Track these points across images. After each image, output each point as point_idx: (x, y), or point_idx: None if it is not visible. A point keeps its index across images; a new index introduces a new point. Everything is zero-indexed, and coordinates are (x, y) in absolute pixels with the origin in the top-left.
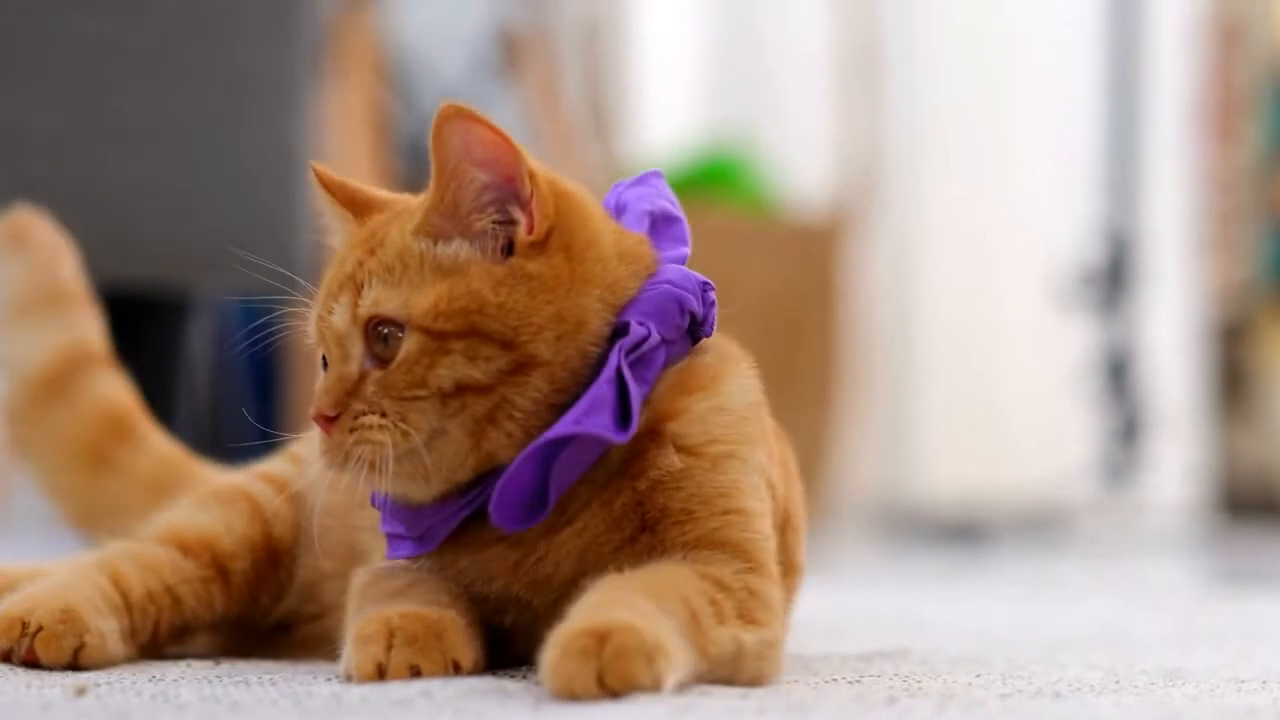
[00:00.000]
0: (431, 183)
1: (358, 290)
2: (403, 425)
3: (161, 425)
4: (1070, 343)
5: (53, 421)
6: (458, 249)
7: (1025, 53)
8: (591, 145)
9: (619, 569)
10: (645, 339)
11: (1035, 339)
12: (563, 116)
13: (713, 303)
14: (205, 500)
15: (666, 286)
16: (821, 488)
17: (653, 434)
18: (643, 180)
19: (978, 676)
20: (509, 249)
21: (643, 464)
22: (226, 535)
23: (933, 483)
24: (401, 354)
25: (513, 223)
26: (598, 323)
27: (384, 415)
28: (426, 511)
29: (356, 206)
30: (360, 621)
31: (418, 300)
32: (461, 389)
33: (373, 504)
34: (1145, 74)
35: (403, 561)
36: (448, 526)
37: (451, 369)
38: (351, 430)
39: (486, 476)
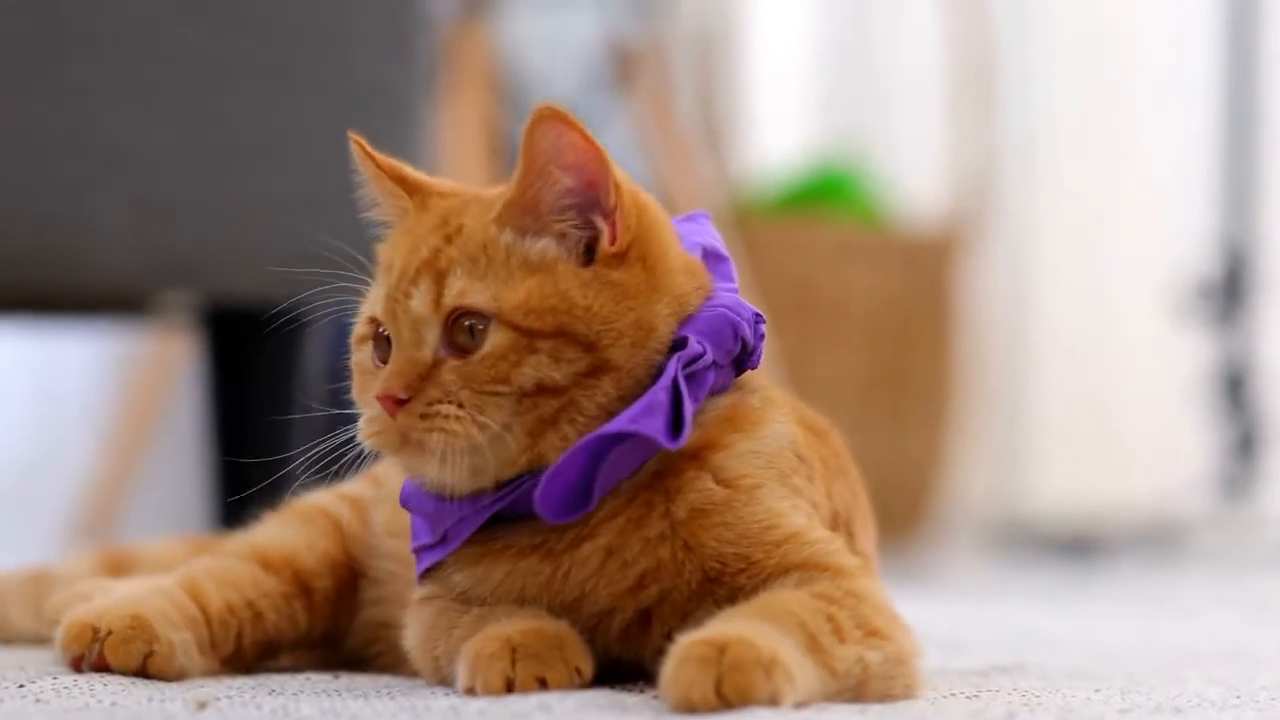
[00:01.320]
0: (515, 177)
1: (439, 278)
2: (480, 419)
3: (277, 442)
4: (1186, 355)
5: None
6: (545, 247)
7: (1140, 61)
8: (704, 159)
9: (660, 596)
10: (700, 356)
11: (1151, 351)
12: (675, 130)
13: (762, 336)
14: (287, 518)
15: (723, 310)
16: (934, 501)
17: (694, 458)
18: (692, 218)
19: (1096, 691)
20: (585, 254)
21: (678, 483)
22: (308, 553)
23: (1047, 496)
24: (487, 348)
25: (590, 228)
26: (665, 331)
27: (461, 406)
28: (447, 513)
29: (406, 185)
30: (477, 642)
31: (508, 295)
32: (540, 389)
33: (402, 502)
34: (1264, 82)
35: (456, 596)
36: (471, 526)
37: (536, 368)
38: (423, 417)
39: (520, 476)
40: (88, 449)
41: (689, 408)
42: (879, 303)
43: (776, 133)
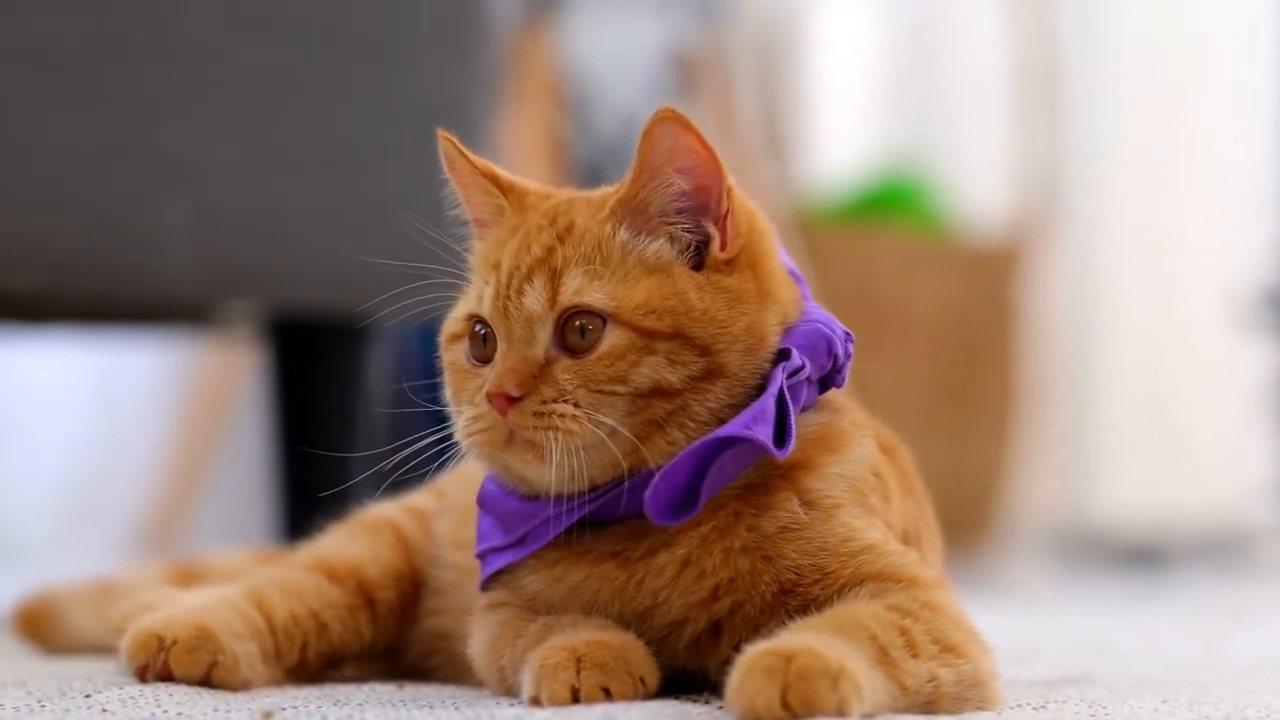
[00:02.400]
0: (628, 177)
1: (554, 276)
2: (596, 417)
3: (340, 453)
4: (1252, 364)
5: None
6: (660, 248)
7: (1206, 68)
8: (767, 167)
9: (733, 608)
10: (802, 368)
11: (1217, 359)
12: (738, 138)
13: (849, 355)
14: (353, 530)
15: (819, 325)
16: (1000, 510)
17: (786, 475)
18: None
19: (1164, 702)
20: (694, 258)
21: (770, 500)
22: (373, 564)
23: (1113, 505)
24: (605, 347)
25: (699, 233)
26: (773, 340)
27: (577, 406)
28: (531, 514)
29: (500, 184)
30: (542, 652)
31: (626, 295)
32: (655, 390)
33: (479, 501)
34: None
35: (524, 601)
36: (557, 528)
37: (653, 369)
38: (537, 415)
39: (614, 480)
40: (152, 459)
41: (794, 419)
42: (943, 312)
43: (840, 140)
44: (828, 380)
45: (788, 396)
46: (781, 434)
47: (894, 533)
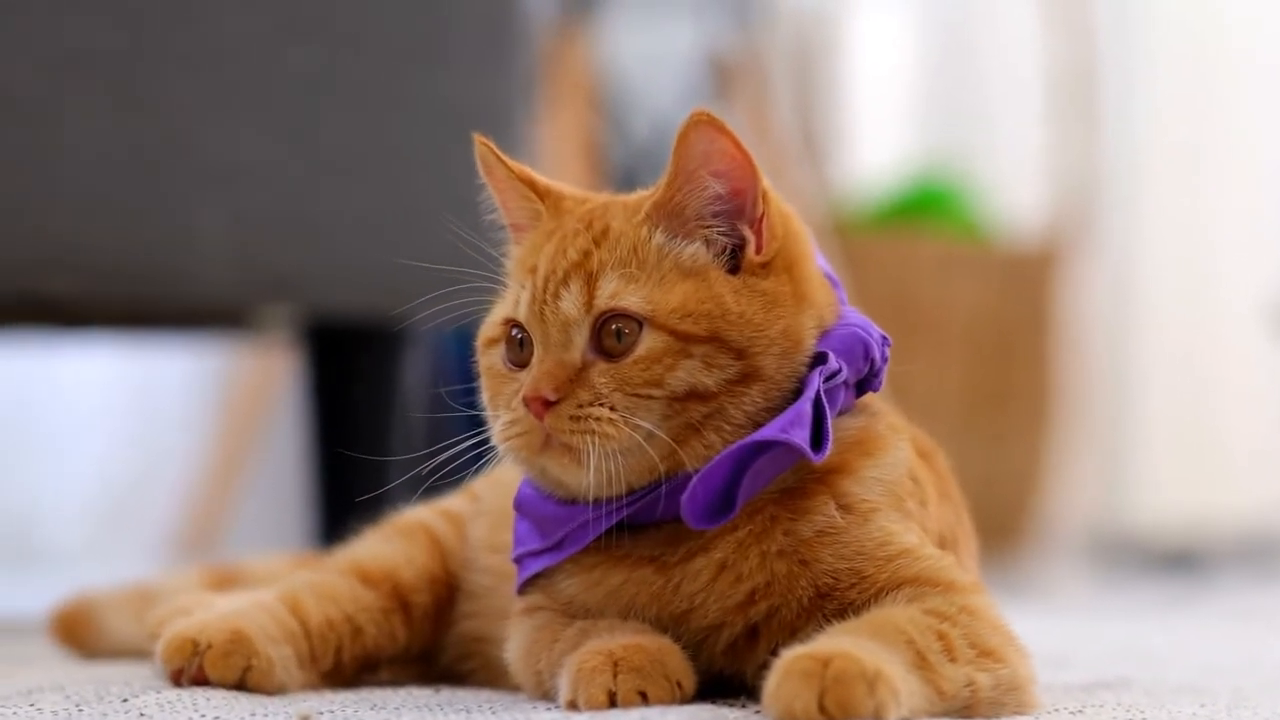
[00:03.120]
0: (663, 180)
1: (590, 280)
2: (632, 421)
3: (376, 457)
4: None
5: None
6: (696, 251)
7: (1244, 72)
8: (803, 171)
9: (769, 612)
10: (838, 372)
11: (1254, 362)
12: (774, 142)
13: (886, 359)
14: (387, 534)
15: (856, 329)
16: (1036, 515)
17: (823, 479)
18: None
19: (1202, 707)
20: (730, 261)
21: (807, 504)
22: (407, 568)
23: (1151, 509)
24: (641, 350)
25: (735, 236)
26: (809, 344)
27: (614, 410)
28: (568, 518)
29: (537, 188)
30: (579, 656)
31: (662, 298)
32: (691, 394)
33: (516, 505)
34: None
35: (561, 605)
36: (594, 531)
37: (690, 373)
38: (574, 419)
39: (652, 484)
40: (188, 464)
41: (830, 423)
42: (979, 316)
43: (876, 145)
44: (865, 384)
45: (824, 400)
46: (818, 438)
47: (930, 537)
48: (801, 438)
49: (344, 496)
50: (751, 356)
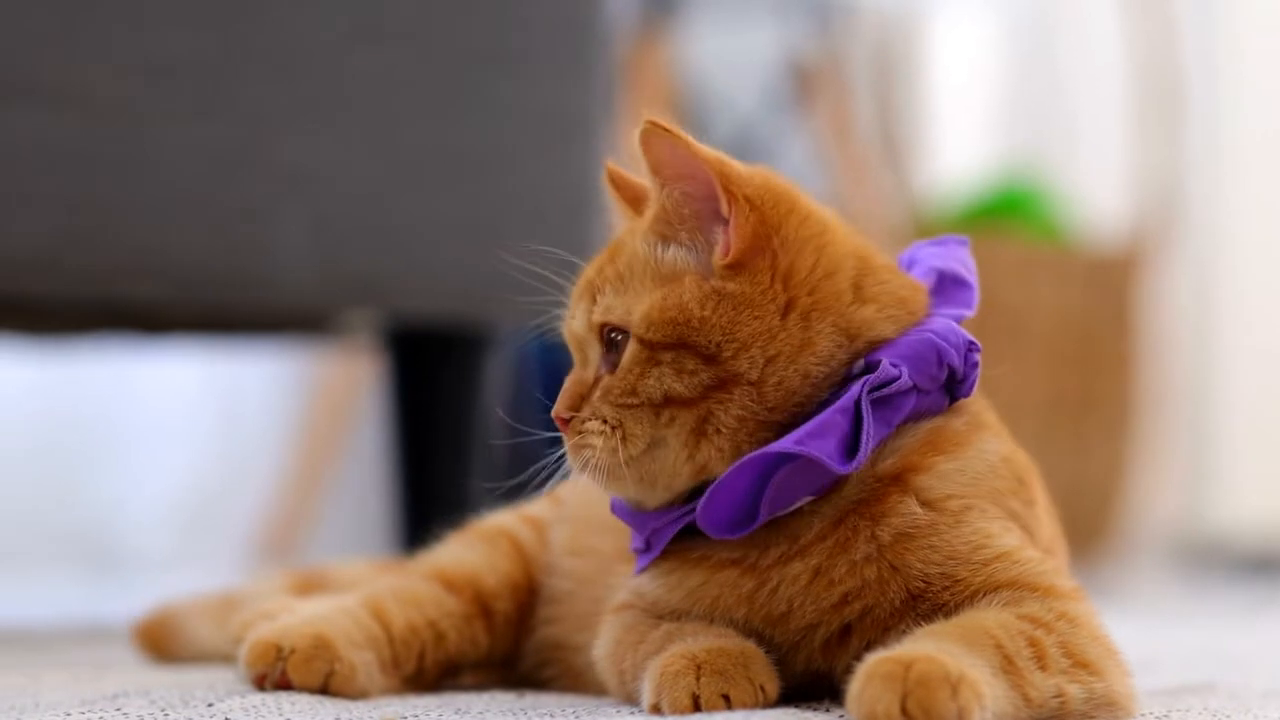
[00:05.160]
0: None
1: (594, 296)
2: (621, 431)
3: (459, 462)
4: None
5: None
6: (675, 256)
7: None
8: (884, 175)
9: (862, 612)
10: (893, 380)
11: None
12: (855, 147)
13: (976, 364)
14: (470, 539)
15: (929, 335)
16: (1120, 519)
17: (897, 480)
18: (942, 242)
19: None
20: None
21: (883, 508)
22: (490, 574)
23: (1235, 513)
24: (624, 360)
25: (715, 238)
26: (825, 348)
27: (604, 421)
28: (650, 517)
29: (636, 208)
30: (663, 660)
31: (636, 307)
32: (668, 400)
33: (612, 510)
34: None
35: (647, 605)
36: (668, 533)
37: (660, 380)
38: (578, 433)
39: (705, 487)
40: (272, 470)
41: (868, 433)
42: (1062, 320)
43: (957, 148)
44: (953, 390)
45: (865, 410)
46: (853, 449)
47: (1038, 541)
48: (823, 449)
49: (426, 502)
50: (722, 361)
